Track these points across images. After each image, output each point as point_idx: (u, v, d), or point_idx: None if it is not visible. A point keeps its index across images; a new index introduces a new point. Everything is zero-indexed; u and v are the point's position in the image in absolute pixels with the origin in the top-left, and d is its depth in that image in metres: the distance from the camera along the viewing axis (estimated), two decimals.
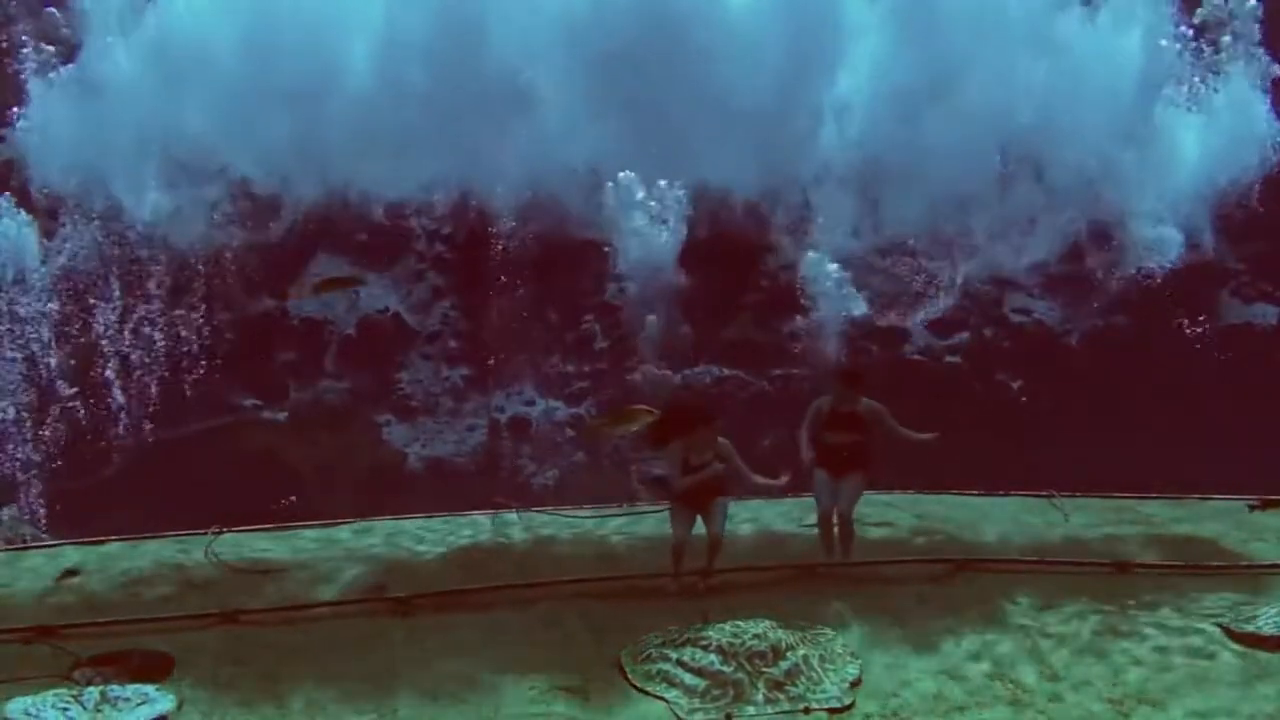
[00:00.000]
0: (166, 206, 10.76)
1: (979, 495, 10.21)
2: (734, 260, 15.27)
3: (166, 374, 13.99)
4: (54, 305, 13.35)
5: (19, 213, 12.28)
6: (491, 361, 15.40)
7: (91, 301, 13.67)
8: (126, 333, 13.95)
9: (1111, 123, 10.83)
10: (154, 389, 13.95)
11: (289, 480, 14.21)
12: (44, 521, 13.16)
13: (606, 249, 14.36)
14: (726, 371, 15.03)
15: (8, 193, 12.25)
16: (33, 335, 13.43)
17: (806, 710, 5.96)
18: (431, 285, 15.99)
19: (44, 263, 12.87)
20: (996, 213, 11.69)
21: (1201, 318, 14.80)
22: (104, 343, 13.89)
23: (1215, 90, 11.75)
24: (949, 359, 14.99)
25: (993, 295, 15.47)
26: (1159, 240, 12.63)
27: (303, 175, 10.16)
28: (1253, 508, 9.01)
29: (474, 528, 9.55)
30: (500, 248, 14.81)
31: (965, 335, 15.21)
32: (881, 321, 15.12)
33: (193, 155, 10.11)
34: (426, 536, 9.28)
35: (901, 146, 10.10)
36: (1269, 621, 6.72)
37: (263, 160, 10.02)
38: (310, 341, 15.33)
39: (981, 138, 10.35)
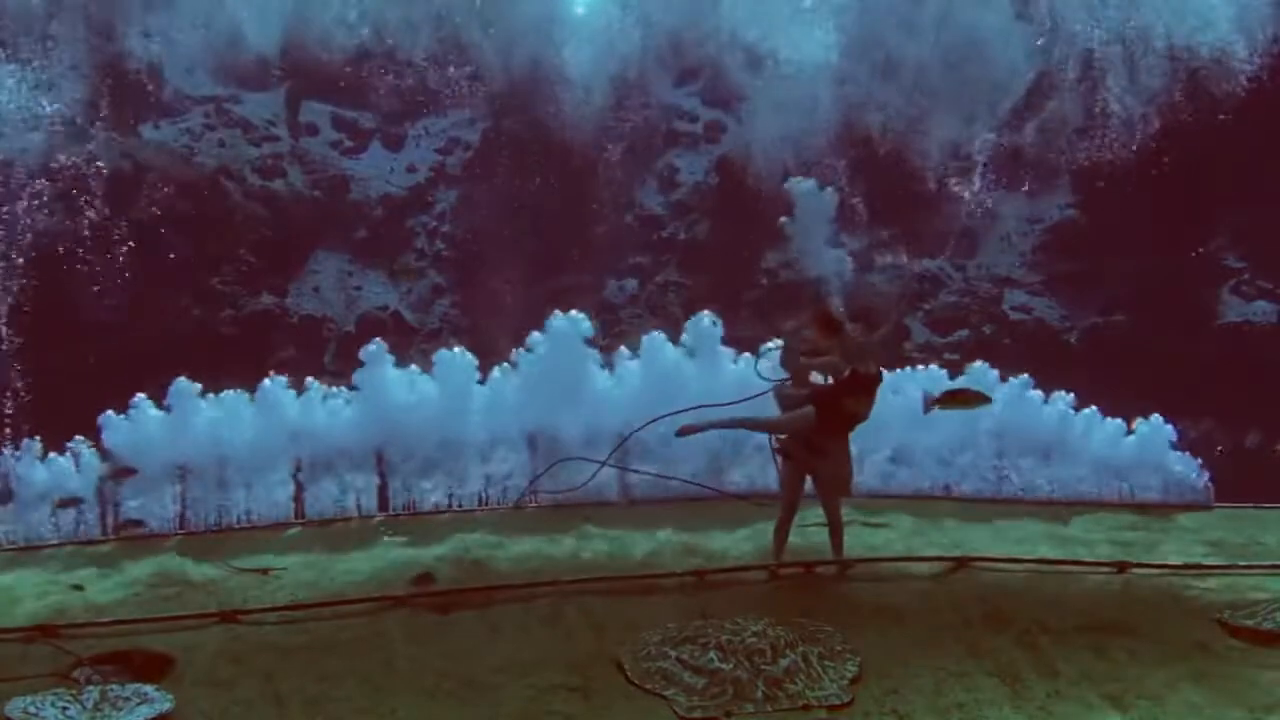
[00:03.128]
0: None
1: (979, 497, 10.25)
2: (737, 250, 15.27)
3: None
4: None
5: None
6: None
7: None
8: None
9: None
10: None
11: None
12: None
13: None
14: None
15: None
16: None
17: (805, 708, 5.97)
18: (432, 283, 16.00)
19: None
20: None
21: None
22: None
23: None
24: (948, 356, 14.97)
25: (993, 292, 15.47)
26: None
27: None
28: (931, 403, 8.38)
29: (474, 524, 9.56)
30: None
31: (965, 332, 15.22)
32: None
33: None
34: (427, 533, 9.29)
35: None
36: (1268, 618, 6.75)
37: None
38: (310, 339, 15.34)
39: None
